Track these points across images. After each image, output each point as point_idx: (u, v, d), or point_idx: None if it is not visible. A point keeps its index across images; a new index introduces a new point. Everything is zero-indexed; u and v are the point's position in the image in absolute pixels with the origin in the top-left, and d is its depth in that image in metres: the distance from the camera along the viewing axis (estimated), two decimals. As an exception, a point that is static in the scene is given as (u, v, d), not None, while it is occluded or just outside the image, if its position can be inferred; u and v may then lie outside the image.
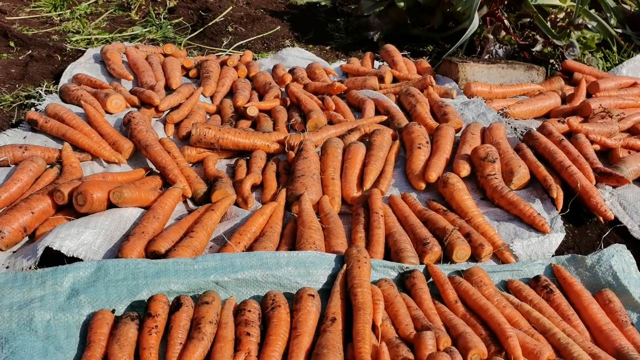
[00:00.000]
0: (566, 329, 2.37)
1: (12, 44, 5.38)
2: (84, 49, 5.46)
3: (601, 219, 3.16)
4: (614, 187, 3.35)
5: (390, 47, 5.40)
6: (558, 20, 5.55)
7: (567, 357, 2.20)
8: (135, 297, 2.37)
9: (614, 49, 5.52)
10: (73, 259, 2.62)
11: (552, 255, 2.91)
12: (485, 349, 2.20)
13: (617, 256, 2.70)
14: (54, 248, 2.60)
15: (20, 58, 5.17)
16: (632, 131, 4.02)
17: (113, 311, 2.31)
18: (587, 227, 3.18)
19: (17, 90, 4.51)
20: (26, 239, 2.86)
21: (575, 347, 2.22)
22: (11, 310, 2.22)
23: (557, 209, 3.15)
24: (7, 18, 6.16)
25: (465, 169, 3.37)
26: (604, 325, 2.40)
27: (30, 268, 2.57)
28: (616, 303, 2.53)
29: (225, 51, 5.80)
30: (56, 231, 2.68)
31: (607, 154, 3.77)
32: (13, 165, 3.37)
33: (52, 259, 2.62)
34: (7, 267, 2.64)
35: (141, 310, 2.34)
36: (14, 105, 4.26)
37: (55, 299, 2.29)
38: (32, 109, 4.08)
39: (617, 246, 2.76)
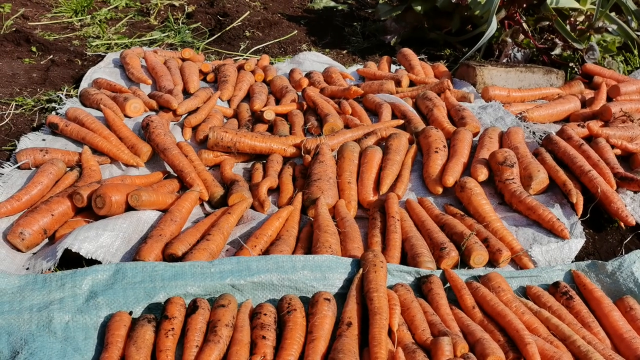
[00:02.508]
0: (586, 336, 2.33)
1: (34, 49, 5.47)
2: (103, 54, 5.53)
3: (622, 224, 3.11)
4: (635, 192, 3.30)
5: (407, 51, 5.39)
6: (577, 23, 5.48)
7: (587, 364, 2.17)
8: (152, 299, 2.38)
9: (635, 52, 5.44)
10: (91, 261, 2.65)
11: (572, 261, 2.87)
12: (503, 356, 2.17)
13: (639, 262, 2.65)
14: (73, 250, 2.63)
15: (41, 63, 5.25)
16: (654, 135, 3.95)
17: (130, 313, 2.33)
18: (607, 233, 3.13)
19: (38, 94, 4.58)
20: (46, 240, 2.90)
21: (596, 354, 2.18)
22: (31, 312, 2.25)
23: (577, 214, 3.11)
24: (29, 24, 6.27)
25: (483, 174, 3.34)
26: (625, 333, 2.35)
27: (49, 269, 2.61)
28: (638, 310, 2.48)
29: (242, 55, 5.83)
30: (75, 233, 2.71)
31: (628, 158, 3.71)
32: (34, 168, 3.42)
33: (71, 260, 2.65)
34: (27, 269, 2.68)
35: (158, 313, 2.36)
36: (35, 109, 4.33)
37: (74, 301, 2.31)
38: (53, 112, 4.14)
39: (638, 252, 2.71)
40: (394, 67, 5.46)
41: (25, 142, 3.70)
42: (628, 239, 3.06)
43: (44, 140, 3.76)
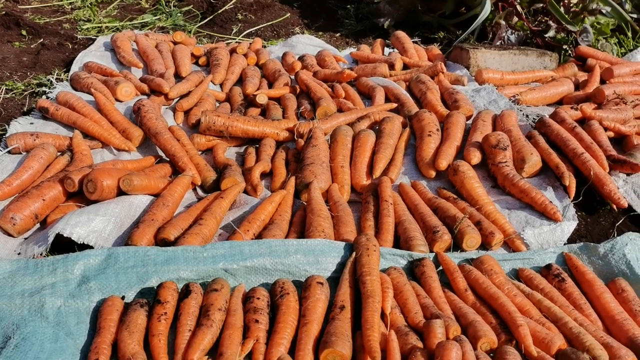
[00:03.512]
0: (578, 318, 2.35)
1: (24, 32, 5.40)
2: (94, 37, 5.46)
3: (614, 206, 3.12)
4: (628, 174, 3.30)
5: (401, 34, 5.35)
6: (571, 5, 5.45)
7: (578, 346, 2.18)
8: (145, 284, 2.38)
9: (629, 34, 5.43)
10: (83, 246, 2.64)
11: (564, 244, 2.88)
12: (495, 338, 2.18)
13: (631, 244, 2.67)
14: (65, 235, 2.61)
15: (32, 46, 5.19)
16: (647, 118, 3.95)
17: (123, 298, 2.32)
18: (600, 215, 3.14)
19: (28, 78, 4.53)
20: (37, 225, 2.88)
21: (587, 336, 2.20)
22: (23, 297, 2.24)
23: (569, 197, 3.11)
24: (19, 7, 6.18)
25: (476, 157, 3.33)
26: (617, 315, 2.37)
27: (41, 254, 2.59)
28: (629, 292, 2.49)
29: (234, 39, 5.78)
30: (67, 218, 2.70)
31: (621, 141, 3.72)
32: (24, 153, 3.39)
33: (63, 245, 2.64)
34: (19, 254, 2.66)
35: (151, 297, 2.35)
36: (25, 93, 4.28)
37: (66, 285, 2.30)
38: (44, 97, 4.09)
39: (630, 234, 2.72)
40: (387, 50, 5.42)
41: (15, 126, 3.67)
42: (620, 221, 3.07)
43: (31, 124, 3.72)
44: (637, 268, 2.58)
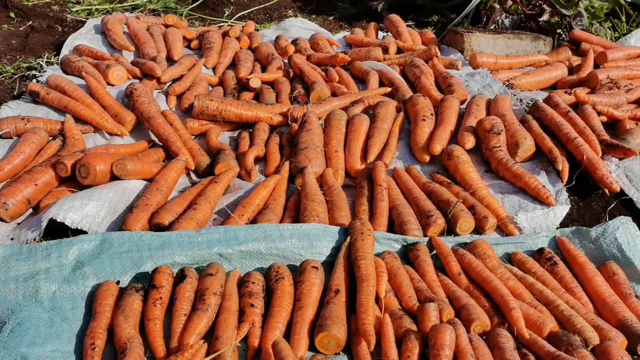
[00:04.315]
0: (569, 301, 2.37)
1: (12, 14, 5.32)
2: (84, 20, 5.39)
3: (607, 191, 3.14)
4: (620, 159, 3.32)
5: (395, 18, 5.31)
6: (566, -11, 5.43)
7: (570, 328, 2.21)
8: (140, 269, 2.38)
9: (623, 18, 5.42)
10: (77, 231, 2.63)
11: (557, 228, 2.90)
12: (488, 321, 2.21)
13: (623, 228, 2.69)
14: (58, 220, 2.60)
15: (20, 29, 5.11)
16: (640, 102, 3.97)
17: (118, 283, 2.32)
18: (592, 200, 3.16)
19: (18, 61, 4.47)
20: (30, 210, 2.86)
21: (579, 319, 2.23)
22: (17, 282, 2.24)
23: (562, 181, 3.13)
24: (6, -12, 6.07)
25: (470, 141, 3.34)
26: (608, 298, 2.40)
27: (34, 240, 2.58)
28: (620, 275, 2.52)
29: (227, 22, 5.72)
30: (60, 203, 2.68)
31: (614, 125, 3.73)
32: (15, 137, 3.36)
33: (56, 230, 2.63)
34: (12, 239, 2.65)
35: (146, 282, 2.36)
36: (15, 77, 4.23)
37: (61, 271, 2.30)
38: (34, 80, 4.04)
39: (622, 218, 2.75)
40: (381, 34, 5.39)
41: (5, 110, 3.63)
42: (612, 205, 3.10)
43: (15, 108, 3.67)
44: (628, 251, 2.61)
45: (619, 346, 2.15)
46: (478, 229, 2.82)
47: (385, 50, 4.71)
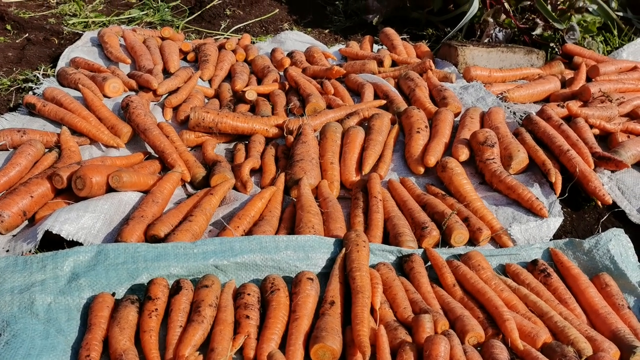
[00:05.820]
0: (563, 312, 2.39)
1: (9, 27, 5.34)
2: (81, 32, 5.42)
3: (599, 203, 3.17)
4: (612, 171, 3.36)
5: (390, 31, 5.37)
6: (558, 3, 5.50)
7: (563, 340, 2.22)
8: (135, 280, 2.38)
9: (615, 32, 5.49)
10: (72, 243, 2.63)
11: (550, 240, 2.92)
12: (482, 332, 2.22)
13: (615, 240, 2.71)
14: (54, 232, 2.61)
15: (17, 41, 5.14)
16: (632, 115, 4.01)
17: (113, 294, 2.32)
18: (585, 212, 3.19)
19: (14, 73, 4.48)
20: (26, 222, 2.86)
21: (572, 330, 2.24)
22: (12, 294, 2.24)
23: (555, 194, 3.16)
24: (3, 1, 6.10)
25: (464, 153, 3.37)
26: (601, 309, 2.41)
27: (30, 252, 2.58)
28: (613, 287, 2.54)
29: (223, 34, 5.76)
30: (56, 215, 2.69)
31: (606, 138, 3.77)
32: (11, 149, 3.37)
33: (52, 242, 2.63)
34: (7, 251, 2.65)
35: (141, 294, 2.36)
36: (11, 89, 4.24)
37: (56, 282, 2.30)
38: (30, 92, 4.06)
39: (614, 230, 2.77)
40: (376, 47, 5.44)
41: (2, 122, 3.64)
42: (605, 217, 3.12)
43: (11, 120, 3.68)
44: (620, 263, 2.63)
45: (612, 357, 2.16)
46: (472, 241, 2.84)
47: (380, 63, 4.75)
